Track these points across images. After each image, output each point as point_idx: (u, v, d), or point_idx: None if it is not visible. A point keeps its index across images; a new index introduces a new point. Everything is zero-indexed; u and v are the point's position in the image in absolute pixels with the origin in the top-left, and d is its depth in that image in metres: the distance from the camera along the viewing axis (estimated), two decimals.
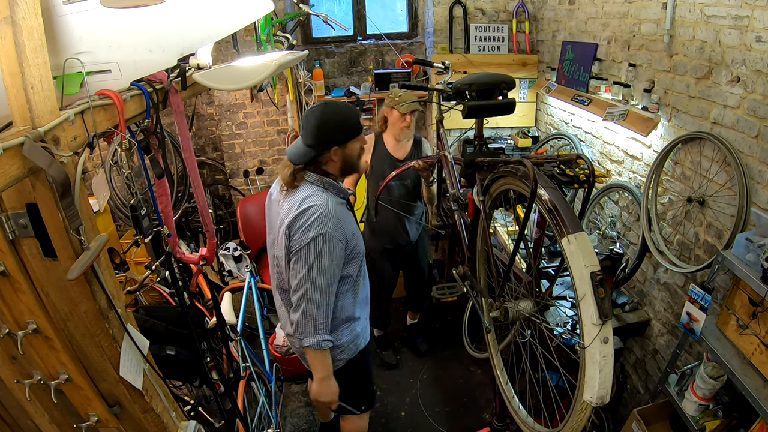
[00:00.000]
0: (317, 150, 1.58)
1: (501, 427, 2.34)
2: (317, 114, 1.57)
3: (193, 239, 3.74)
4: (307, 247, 1.53)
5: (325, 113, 1.57)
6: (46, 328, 1.03)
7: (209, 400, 2.34)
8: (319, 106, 1.60)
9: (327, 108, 1.59)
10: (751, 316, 1.50)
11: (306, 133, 1.58)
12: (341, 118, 1.59)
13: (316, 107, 1.60)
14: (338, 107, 1.62)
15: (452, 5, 3.46)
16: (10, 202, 0.93)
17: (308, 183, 1.62)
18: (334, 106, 1.62)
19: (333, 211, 1.56)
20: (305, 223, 1.53)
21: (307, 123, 1.57)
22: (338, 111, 1.60)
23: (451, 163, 2.17)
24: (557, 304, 2.13)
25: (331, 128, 1.57)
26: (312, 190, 1.60)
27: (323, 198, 1.58)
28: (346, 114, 1.61)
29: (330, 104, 1.61)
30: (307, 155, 1.59)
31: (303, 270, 1.55)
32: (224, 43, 3.08)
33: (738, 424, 1.67)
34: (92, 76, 1.03)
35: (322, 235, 1.52)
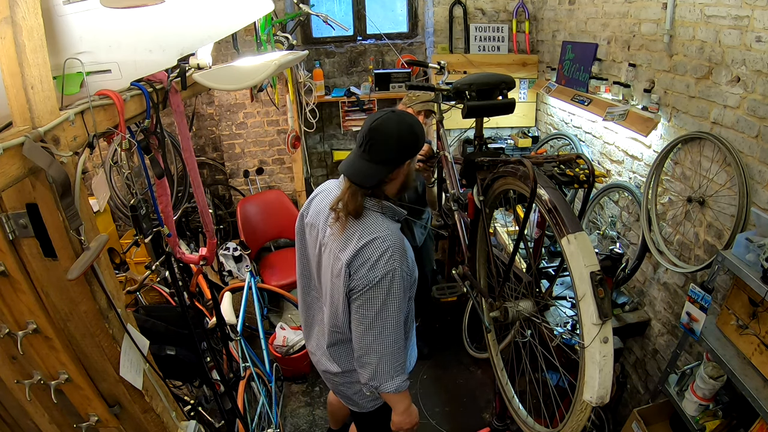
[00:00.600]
0: (394, 166, 1.37)
1: (501, 427, 2.34)
2: (394, 124, 1.35)
3: (193, 239, 3.73)
4: (375, 288, 1.34)
5: (402, 123, 1.36)
6: (46, 328, 1.03)
7: (209, 400, 2.34)
8: (392, 116, 1.37)
9: (401, 118, 1.38)
10: (751, 316, 1.50)
11: (379, 147, 1.34)
12: (417, 129, 1.39)
13: (388, 117, 1.37)
14: (408, 116, 1.41)
15: (452, 5, 3.46)
16: (10, 202, 0.93)
17: (365, 209, 1.40)
18: (405, 115, 1.40)
19: (399, 242, 1.38)
20: (370, 259, 1.33)
21: (379, 135, 1.34)
22: (411, 120, 1.40)
23: (451, 163, 2.17)
24: (557, 304, 2.13)
25: (411, 141, 1.37)
26: (372, 218, 1.39)
27: (387, 227, 1.38)
28: (416, 123, 1.41)
29: (400, 113, 1.40)
30: (377, 175, 1.36)
31: (372, 312, 1.37)
32: (224, 43, 3.08)
33: (738, 424, 1.67)
34: (92, 76, 1.03)
35: (392, 271, 1.34)
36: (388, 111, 1.38)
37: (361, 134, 1.37)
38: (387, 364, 1.41)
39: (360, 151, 1.37)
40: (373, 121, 1.35)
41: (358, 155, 1.37)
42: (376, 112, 1.37)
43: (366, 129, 1.35)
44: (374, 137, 1.33)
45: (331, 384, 1.76)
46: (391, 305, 1.36)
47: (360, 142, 1.37)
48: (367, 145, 1.34)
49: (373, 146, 1.34)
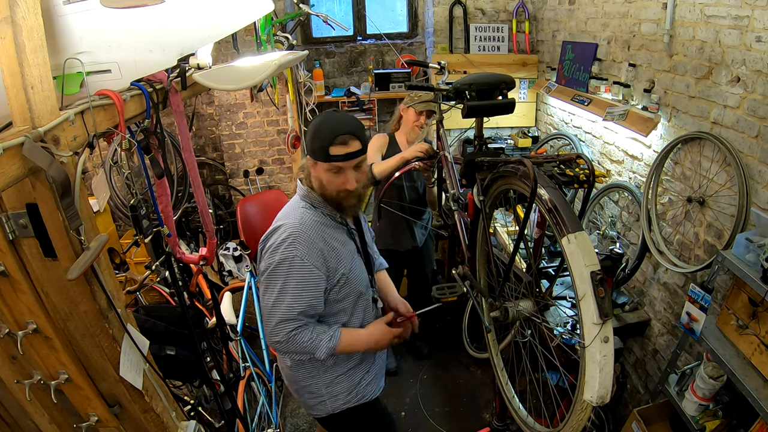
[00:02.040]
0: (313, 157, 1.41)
1: (501, 427, 2.34)
2: (315, 119, 1.41)
3: (193, 239, 3.73)
4: (273, 273, 1.36)
5: (320, 116, 1.41)
6: (46, 328, 1.03)
7: (209, 400, 2.34)
8: (324, 112, 1.43)
9: (326, 113, 1.42)
10: (751, 316, 1.50)
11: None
12: (318, 126, 1.37)
13: (323, 113, 1.43)
14: (333, 115, 1.40)
15: (452, 5, 3.46)
16: (10, 202, 0.93)
17: (297, 196, 1.49)
18: (332, 113, 1.42)
19: (307, 232, 1.38)
20: (273, 244, 1.37)
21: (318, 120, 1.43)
22: (326, 118, 1.39)
23: (451, 163, 2.17)
24: (557, 304, 2.13)
25: (309, 133, 1.39)
26: (291, 206, 1.46)
27: (300, 216, 1.40)
28: (327, 123, 1.37)
29: (333, 111, 1.43)
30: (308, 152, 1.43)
31: (270, 299, 1.39)
32: (224, 43, 3.08)
33: (738, 424, 1.67)
34: (92, 76, 1.03)
35: (291, 258, 1.34)
36: (324, 112, 1.43)
37: None
38: (301, 342, 1.39)
39: None
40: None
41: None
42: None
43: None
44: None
45: (291, 388, 1.71)
46: (287, 293, 1.34)
47: None
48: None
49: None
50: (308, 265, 1.35)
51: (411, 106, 2.52)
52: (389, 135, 2.67)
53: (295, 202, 1.48)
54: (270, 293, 1.38)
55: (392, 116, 2.75)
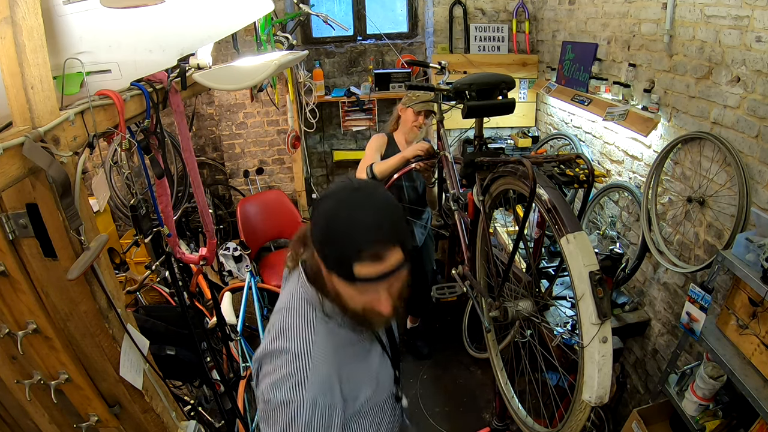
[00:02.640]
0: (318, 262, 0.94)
1: (501, 427, 2.34)
2: (326, 197, 0.91)
3: (193, 239, 3.73)
4: (273, 412, 0.95)
5: (334, 197, 0.89)
6: (46, 328, 1.03)
7: (209, 400, 2.34)
8: (342, 188, 0.90)
9: (343, 190, 0.89)
10: (751, 316, 1.50)
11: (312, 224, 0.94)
12: (333, 219, 0.87)
13: (338, 188, 0.91)
14: (356, 199, 0.88)
15: (452, 5, 3.46)
16: (10, 202, 0.93)
17: (301, 292, 1.00)
18: (354, 194, 0.88)
19: (320, 369, 0.94)
20: (274, 374, 0.95)
21: (314, 212, 0.93)
22: (345, 205, 0.87)
23: (451, 163, 2.17)
24: (557, 304, 2.13)
25: (319, 225, 0.89)
26: (298, 315, 0.98)
27: (312, 341, 0.95)
28: (348, 219, 0.86)
29: (354, 190, 0.89)
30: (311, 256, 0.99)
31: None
32: (224, 43, 3.08)
33: (738, 424, 1.67)
34: (92, 76, 1.03)
35: (293, 404, 0.92)
36: (346, 183, 0.91)
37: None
38: None
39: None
40: (331, 187, 0.94)
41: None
42: (348, 181, 0.91)
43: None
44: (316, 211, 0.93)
45: None
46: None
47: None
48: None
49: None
50: (320, 407, 0.96)
51: (410, 106, 2.52)
52: (387, 135, 2.66)
53: (300, 306, 0.99)
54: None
55: (390, 116, 2.74)
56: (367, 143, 2.61)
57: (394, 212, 0.90)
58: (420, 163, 2.38)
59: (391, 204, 0.91)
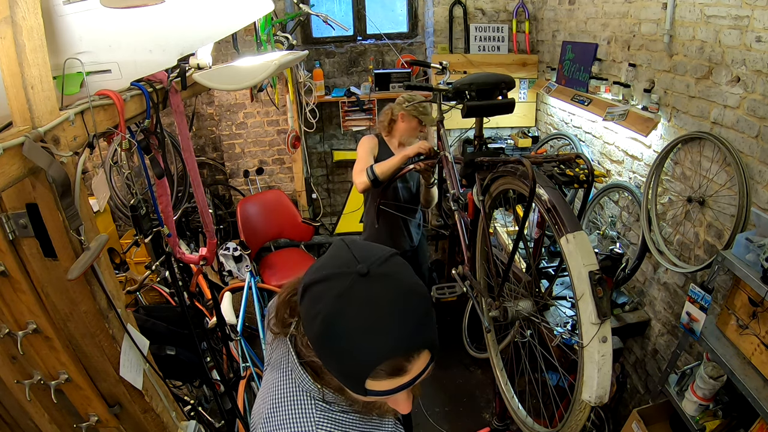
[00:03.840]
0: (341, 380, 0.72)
1: (501, 427, 2.34)
2: (320, 285, 0.68)
3: (193, 239, 3.74)
4: None
5: (333, 300, 0.65)
6: (46, 328, 1.03)
7: (209, 400, 2.34)
8: (342, 273, 0.67)
9: (346, 285, 0.65)
10: (751, 316, 1.50)
11: (311, 342, 0.73)
12: (352, 337, 0.65)
13: (336, 270, 0.68)
14: (380, 295, 0.66)
15: (452, 5, 3.46)
16: (10, 202, 0.93)
17: (294, 374, 0.80)
18: (373, 288, 0.66)
19: None
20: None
21: (306, 322, 0.71)
22: (363, 313, 0.65)
23: (451, 163, 2.17)
24: (557, 304, 2.13)
25: (317, 337, 0.68)
26: (297, 413, 0.77)
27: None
28: (371, 331, 0.64)
29: (364, 281, 0.66)
30: (309, 386, 0.78)
31: None
32: (224, 43, 3.08)
33: (738, 424, 1.67)
34: (92, 76, 1.03)
35: None
36: (356, 278, 0.66)
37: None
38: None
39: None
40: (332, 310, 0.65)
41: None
42: (340, 277, 0.67)
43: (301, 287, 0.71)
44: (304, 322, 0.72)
45: None
46: None
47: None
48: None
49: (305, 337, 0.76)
50: None
51: (417, 116, 2.48)
52: (377, 136, 2.63)
53: (294, 397, 0.79)
54: None
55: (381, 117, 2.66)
56: (358, 145, 2.58)
57: (420, 304, 0.68)
58: (421, 163, 2.38)
59: (414, 290, 0.68)
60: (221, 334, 2.02)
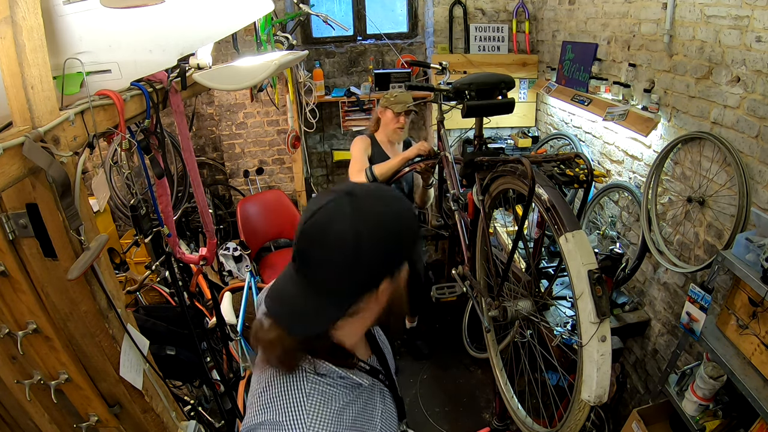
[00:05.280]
0: (355, 295, 0.76)
1: (501, 427, 2.34)
2: (347, 222, 0.71)
3: (193, 239, 3.74)
4: None
5: (365, 216, 0.73)
6: (46, 328, 1.03)
7: (209, 400, 2.34)
8: (342, 204, 0.73)
9: (362, 206, 0.74)
10: (751, 316, 1.50)
11: (321, 267, 0.74)
12: (396, 210, 0.77)
13: (335, 208, 0.73)
14: (379, 197, 0.78)
15: (452, 5, 3.46)
16: (10, 202, 0.93)
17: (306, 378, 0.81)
18: (370, 198, 0.76)
19: None
20: None
21: (317, 244, 0.73)
22: (383, 208, 0.76)
23: (451, 163, 2.17)
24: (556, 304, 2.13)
25: (388, 245, 0.75)
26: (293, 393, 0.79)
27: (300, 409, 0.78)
28: (400, 206, 0.79)
29: (361, 193, 0.75)
30: (329, 309, 0.76)
31: None
32: (224, 43, 3.08)
33: (738, 424, 1.67)
34: (92, 76, 1.03)
35: None
36: (337, 195, 0.74)
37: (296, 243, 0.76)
38: None
39: (294, 265, 0.78)
40: (308, 217, 0.74)
41: (293, 271, 0.78)
42: (320, 196, 0.76)
43: (297, 232, 0.75)
44: (308, 249, 0.74)
45: None
46: None
47: (294, 253, 0.78)
48: (301, 260, 0.76)
49: (309, 265, 0.75)
50: None
51: (388, 107, 2.51)
52: (369, 136, 2.64)
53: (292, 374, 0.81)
54: None
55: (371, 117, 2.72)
56: (352, 145, 2.60)
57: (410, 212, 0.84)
58: (421, 164, 2.38)
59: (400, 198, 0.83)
60: (221, 334, 2.02)
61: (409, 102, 2.47)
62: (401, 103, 2.46)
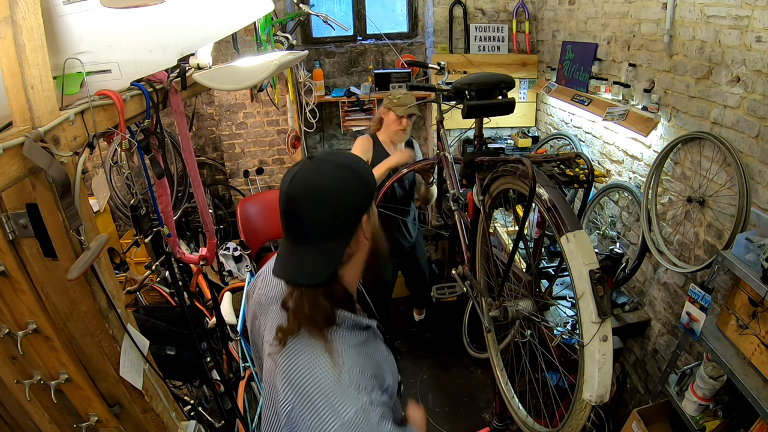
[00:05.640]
0: (345, 236, 0.90)
1: (501, 427, 2.34)
2: (316, 179, 0.87)
3: (193, 239, 3.73)
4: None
5: (328, 172, 0.88)
6: (46, 328, 1.03)
7: (209, 400, 2.34)
8: (309, 167, 0.89)
9: (325, 163, 0.89)
10: (751, 316, 1.50)
11: (310, 221, 0.87)
12: (357, 167, 0.93)
13: (305, 171, 0.88)
14: (334, 156, 0.94)
15: (452, 5, 3.46)
16: (10, 202, 0.93)
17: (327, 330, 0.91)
18: (328, 156, 0.93)
19: (362, 372, 0.89)
20: (317, 422, 0.83)
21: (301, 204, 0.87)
22: (343, 160, 0.93)
23: (451, 163, 2.17)
24: (557, 304, 2.13)
25: (353, 190, 0.90)
26: (341, 342, 0.91)
27: (348, 354, 0.89)
28: (352, 159, 0.95)
29: (318, 157, 0.91)
30: (329, 256, 0.89)
31: None
32: (224, 43, 3.08)
33: (738, 424, 1.67)
34: (92, 76, 1.03)
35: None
36: (303, 162, 0.90)
37: (281, 209, 0.90)
38: None
39: (289, 236, 0.91)
40: (287, 186, 0.88)
41: (290, 243, 0.91)
42: (290, 168, 0.91)
43: (282, 201, 0.89)
44: (296, 210, 0.87)
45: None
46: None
47: (284, 224, 0.91)
48: (294, 228, 0.89)
49: (303, 224, 0.88)
50: (372, 409, 0.86)
51: (390, 109, 2.52)
52: (372, 135, 2.66)
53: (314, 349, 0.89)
54: None
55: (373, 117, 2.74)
56: (353, 146, 2.62)
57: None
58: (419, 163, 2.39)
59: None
60: (221, 334, 2.02)
61: (412, 104, 2.47)
62: (404, 105, 2.47)
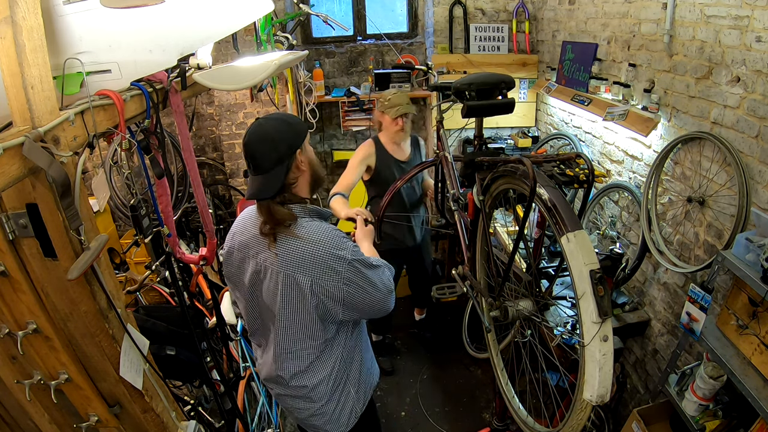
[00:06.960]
0: (285, 164, 1.32)
1: (501, 427, 2.34)
2: (262, 128, 1.33)
3: (193, 239, 3.73)
4: (352, 282, 1.36)
5: (269, 122, 1.34)
6: (46, 328, 1.03)
7: (209, 400, 2.34)
8: (258, 123, 1.35)
9: (266, 119, 1.36)
10: (751, 316, 1.50)
11: (261, 156, 1.31)
12: (287, 118, 1.38)
13: (255, 126, 1.35)
14: (273, 115, 1.39)
15: (452, 5, 3.46)
16: (10, 202, 0.93)
17: (295, 218, 1.38)
18: (271, 116, 1.39)
19: (336, 237, 1.37)
20: (328, 265, 1.33)
21: (255, 145, 1.31)
22: (277, 116, 1.39)
23: (451, 163, 2.17)
24: (557, 304, 2.13)
25: (286, 131, 1.34)
26: (304, 228, 1.36)
27: (319, 229, 1.37)
28: (283, 115, 1.40)
29: (265, 117, 1.37)
30: (276, 180, 1.32)
31: (366, 298, 1.40)
32: (224, 43, 3.08)
33: (738, 424, 1.67)
34: (92, 76, 1.03)
35: (351, 260, 1.35)
36: (255, 120, 1.36)
37: (243, 152, 1.36)
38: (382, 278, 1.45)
39: (252, 172, 1.35)
40: (246, 137, 1.33)
41: (252, 176, 1.35)
42: (249, 126, 1.35)
43: (243, 146, 1.34)
44: (252, 150, 1.31)
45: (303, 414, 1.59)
46: (374, 280, 1.40)
47: (248, 164, 1.35)
48: (252, 162, 1.32)
49: (256, 158, 1.31)
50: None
51: (384, 111, 2.52)
52: (375, 139, 2.65)
53: (302, 223, 1.39)
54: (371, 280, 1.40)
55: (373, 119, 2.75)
56: (355, 152, 2.62)
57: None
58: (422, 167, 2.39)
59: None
60: (221, 334, 2.02)
61: (404, 104, 2.48)
62: (395, 106, 2.47)
